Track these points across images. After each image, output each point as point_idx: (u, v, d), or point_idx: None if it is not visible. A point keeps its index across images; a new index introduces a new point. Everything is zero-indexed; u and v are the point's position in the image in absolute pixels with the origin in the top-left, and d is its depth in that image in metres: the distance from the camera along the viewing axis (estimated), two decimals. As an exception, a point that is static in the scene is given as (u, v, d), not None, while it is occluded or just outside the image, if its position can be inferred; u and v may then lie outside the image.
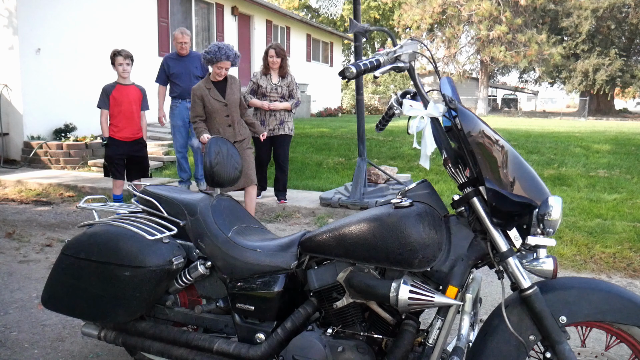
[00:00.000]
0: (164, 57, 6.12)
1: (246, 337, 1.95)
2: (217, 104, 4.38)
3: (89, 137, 8.70)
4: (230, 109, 4.42)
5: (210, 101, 4.35)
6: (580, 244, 4.39)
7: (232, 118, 4.46)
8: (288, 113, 5.58)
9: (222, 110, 4.40)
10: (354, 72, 1.65)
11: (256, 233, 2.15)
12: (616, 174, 7.33)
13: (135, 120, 4.90)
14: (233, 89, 4.46)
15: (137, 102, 4.93)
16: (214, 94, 4.38)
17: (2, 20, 8.05)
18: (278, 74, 5.58)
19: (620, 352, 2.00)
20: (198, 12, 12.50)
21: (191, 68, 6.01)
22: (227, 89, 4.44)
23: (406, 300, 1.63)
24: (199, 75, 5.96)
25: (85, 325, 2.23)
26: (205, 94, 4.36)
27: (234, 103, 4.45)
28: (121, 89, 4.85)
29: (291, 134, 5.68)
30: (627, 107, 38.64)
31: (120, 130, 4.86)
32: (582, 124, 16.43)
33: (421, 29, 26.07)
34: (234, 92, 4.45)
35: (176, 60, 6.02)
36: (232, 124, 4.46)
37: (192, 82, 5.73)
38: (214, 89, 4.39)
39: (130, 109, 4.86)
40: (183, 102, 6.01)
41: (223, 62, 4.22)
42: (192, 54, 6.11)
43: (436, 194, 1.77)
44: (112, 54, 4.77)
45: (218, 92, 4.40)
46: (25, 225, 5.07)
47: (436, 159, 6.02)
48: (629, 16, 25.03)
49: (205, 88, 4.37)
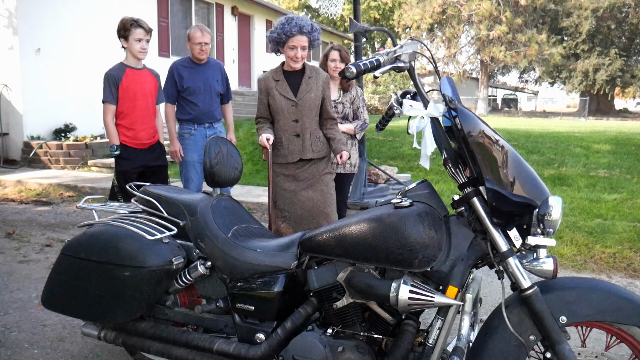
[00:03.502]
0: (173, 65, 4.16)
1: (246, 337, 1.95)
2: (284, 102, 3.12)
3: (89, 137, 8.71)
4: (301, 111, 3.12)
5: (275, 97, 3.13)
6: (580, 244, 4.39)
7: (303, 125, 3.13)
8: (351, 140, 3.94)
9: (290, 112, 3.12)
10: (354, 72, 1.65)
11: (256, 233, 2.15)
12: (616, 174, 7.33)
13: (151, 117, 3.69)
14: (311, 84, 3.14)
15: (152, 93, 3.69)
16: (281, 88, 3.13)
17: (2, 20, 8.05)
18: (339, 86, 3.94)
19: (620, 352, 2.00)
20: (198, 12, 12.50)
21: (212, 82, 4.16)
22: (302, 83, 3.14)
23: (406, 300, 1.63)
24: (220, 91, 4.24)
25: (85, 325, 2.23)
26: (271, 87, 3.14)
27: (309, 105, 3.13)
28: (134, 75, 3.54)
29: (353, 172, 3.98)
30: (627, 107, 38.62)
31: (136, 133, 3.58)
32: (582, 124, 16.43)
33: (421, 29, 26.07)
34: (311, 89, 3.13)
35: (191, 69, 4.11)
36: (301, 133, 3.14)
37: (213, 100, 4.17)
38: (283, 81, 3.14)
39: (146, 103, 3.62)
40: (200, 128, 4.13)
41: (295, 38, 2.98)
42: (211, 62, 4.24)
43: (436, 194, 1.77)
44: (126, 23, 3.48)
45: (288, 85, 3.14)
46: (25, 225, 5.06)
47: (436, 159, 6.01)
48: (629, 16, 25.03)
49: (272, 79, 3.16)
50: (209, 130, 4.17)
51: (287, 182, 3.15)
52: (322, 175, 3.20)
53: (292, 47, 3.01)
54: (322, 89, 3.19)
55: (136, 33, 3.47)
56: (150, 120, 3.68)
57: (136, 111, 3.57)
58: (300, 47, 3.01)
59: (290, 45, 3.00)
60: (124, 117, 3.56)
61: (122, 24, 3.49)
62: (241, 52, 14.16)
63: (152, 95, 3.68)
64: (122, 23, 3.49)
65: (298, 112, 3.12)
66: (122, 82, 3.49)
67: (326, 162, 3.26)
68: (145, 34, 3.51)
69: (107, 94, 3.50)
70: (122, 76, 3.49)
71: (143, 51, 3.53)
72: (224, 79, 4.31)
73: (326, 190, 3.20)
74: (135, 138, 3.58)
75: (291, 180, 3.15)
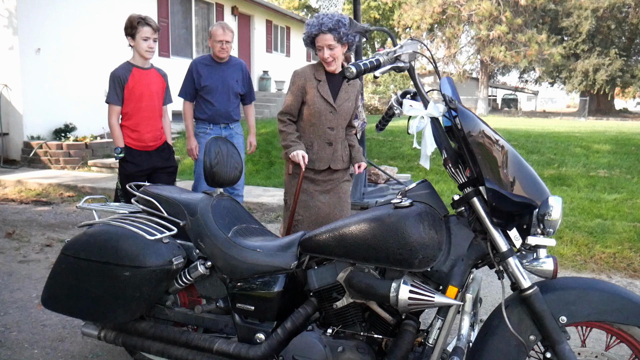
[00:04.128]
0: (193, 62, 4.14)
1: (246, 337, 1.95)
2: (323, 107, 2.88)
3: (89, 137, 8.71)
4: (338, 119, 2.94)
5: (314, 98, 2.87)
6: (580, 244, 4.39)
7: (337, 134, 2.96)
8: None
9: (327, 118, 2.91)
10: (354, 72, 1.65)
11: (256, 233, 2.15)
12: (616, 174, 7.33)
13: (157, 119, 3.56)
14: (349, 92, 2.97)
15: (159, 94, 3.55)
16: (323, 90, 2.88)
17: (2, 20, 8.05)
18: None
19: (620, 352, 2.00)
20: (198, 12, 12.50)
21: (230, 82, 4.10)
22: (341, 90, 2.94)
23: (406, 300, 1.63)
24: (239, 92, 4.18)
25: (85, 325, 2.23)
26: (312, 85, 2.88)
27: (346, 113, 2.96)
28: (140, 75, 3.43)
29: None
30: (627, 107, 38.63)
31: (141, 135, 3.46)
32: (582, 124, 16.43)
33: (421, 29, 26.06)
34: (349, 97, 2.96)
35: (210, 67, 4.07)
36: (334, 142, 2.96)
37: (231, 100, 4.13)
38: (325, 83, 2.90)
39: (152, 104, 3.49)
40: (216, 128, 4.13)
41: (318, 38, 2.77)
42: (232, 61, 4.17)
43: (436, 194, 1.77)
44: (133, 21, 3.35)
45: (329, 89, 2.91)
46: (25, 225, 5.06)
47: (436, 159, 6.02)
48: (629, 16, 25.03)
49: (314, 78, 2.90)
50: (225, 130, 4.13)
51: (305, 183, 2.96)
52: (342, 182, 3.04)
53: (319, 48, 2.79)
54: (356, 97, 3.02)
55: (143, 31, 3.34)
56: (156, 121, 3.55)
57: (141, 112, 3.44)
58: (327, 47, 2.76)
59: (317, 45, 2.80)
60: (128, 118, 3.44)
61: (129, 21, 3.37)
62: (241, 52, 14.16)
63: (158, 96, 3.54)
64: (129, 20, 3.38)
65: (335, 119, 2.92)
66: (128, 82, 3.38)
67: (347, 172, 3.10)
68: (153, 32, 3.38)
69: (111, 95, 3.39)
70: (128, 76, 3.38)
71: (150, 50, 3.39)
72: (246, 79, 4.21)
73: (344, 197, 3.04)
74: (140, 140, 3.46)
75: (309, 182, 2.97)
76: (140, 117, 3.44)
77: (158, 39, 3.40)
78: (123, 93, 3.38)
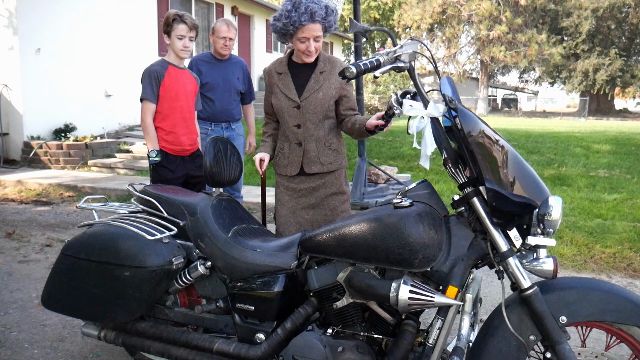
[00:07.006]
0: (193, 60, 4.03)
1: (246, 337, 1.95)
2: (284, 103, 2.51)
3: (89, 137, 8.70)
4: (304, 115, 2.49)
5: (277, 95, 2.55)
6: (580, 244, 4.39)
7: (306, 132, 2.51)
8: None
9: (291, 115, 2.51)
10: (354, 72, 1.65)
11: (256, 233, 2.15)
12: (616, 174, 7.33)
13: (193, 121, 3.31)
14: (321, 82, 2.48)
15: (192, 95, 3.30)
16: (283, 84, 2.53)
17: (2, 20, 8.05)
18: None
19: (620, 352, 2.00)
20: (198, 12, 12.50)
21: (232, 79, 4.03)
22: (310, 79, 2.49)
23: (406, 301, 1.63)
24: (240, 89, 4.12)
25: (85, 325, 2.24)
26: (274, 82, 2.57)
27: (315, 107, 2.48)
28: (177, 74, 3.18)
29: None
30: (627, 107, 38.64)
31: (177, 137, 3.17)
32: (582, 124, 16.42)
33: (421, 29, 26.08)
34: (320, 88, 2.47)
35: (211, 64, 3.99)
36: (304, 141, 2.53)
37: (232, 98, 4.07)
38: (286, 75, 2.53)
39: (188, 105, 3.23)
40: (217, 128, 4.05)
41: (305, 28, 2.31)
42: (233, 59, 4.12)
43: (436, 194, 1.77)
44: (169, 18, 3.11)
45: (292, 81, 2.52)
46: (25, 225, 5.06)
47: (436, 159, 6.02)
48: (629, 16, 25.04)
49: (275, 72, 2.57)
50: (227, 131, 4.06)
51: (287, 195, 2.58)
52: (329, 196, 2.55)
53: (302, 40, 2.35)
54: (339, 87, 2.50)
55: (178, 29, 3.09)
56: (192, 124, 3.29)
57: (177, 113, 3.17)
58: (313, 38, 2.34)
59: (300, 37, 2.33)
60: (163, 118, 3.14)
61: (165, 19, 3.15)
62: (241, 52, 14.15)
63: (193, 98, 3.31)
64: (165, 18, 3.16)
65: (301, 115, 2.48)
66: (164, 79, 3.11)
67: (337, 177, 2.58)
68: (189, 30, 3.11)
69: (147, 90, 3.08)
70: (164, 73, 3.11)
71: (185, 49, 3.13)
72: (246, 78, 4.14)
73: (330, 215, 2.54)
74: (176, 143, 3.16)
75: (291, 194, 2.57)
76: (176, 118, 3.17)
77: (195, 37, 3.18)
78: (159, 90, 3.12)
